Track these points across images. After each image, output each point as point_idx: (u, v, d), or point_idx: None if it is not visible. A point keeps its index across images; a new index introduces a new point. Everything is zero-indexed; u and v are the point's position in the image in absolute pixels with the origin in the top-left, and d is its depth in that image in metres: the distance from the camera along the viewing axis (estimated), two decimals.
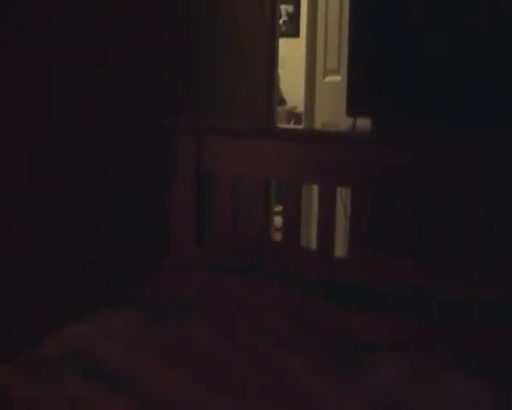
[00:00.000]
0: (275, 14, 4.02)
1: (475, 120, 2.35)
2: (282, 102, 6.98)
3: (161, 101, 2.85)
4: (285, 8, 7.17)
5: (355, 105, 2.46)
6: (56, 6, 2.35)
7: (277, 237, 3.60)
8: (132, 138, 2.70)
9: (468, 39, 2.36)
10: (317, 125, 4.30)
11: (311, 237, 4.07)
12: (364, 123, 2.81)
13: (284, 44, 5.37)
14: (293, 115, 6.97)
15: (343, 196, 2.72)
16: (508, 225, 2.14)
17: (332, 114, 3.76)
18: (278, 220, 3.27)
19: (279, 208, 3.85)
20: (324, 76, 4.16)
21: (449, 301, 1.85)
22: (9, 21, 2.19)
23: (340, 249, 2.81)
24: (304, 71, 4.67)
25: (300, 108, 5.74)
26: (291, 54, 6.43)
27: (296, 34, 7.00)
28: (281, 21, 6.53)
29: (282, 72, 5.64)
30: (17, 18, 2.21)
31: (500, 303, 1.84)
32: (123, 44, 2.64)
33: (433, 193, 2.23)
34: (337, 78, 3.72)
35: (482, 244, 2.18)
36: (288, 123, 6.87)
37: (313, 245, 2.99)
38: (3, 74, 2.18)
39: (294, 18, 7.18)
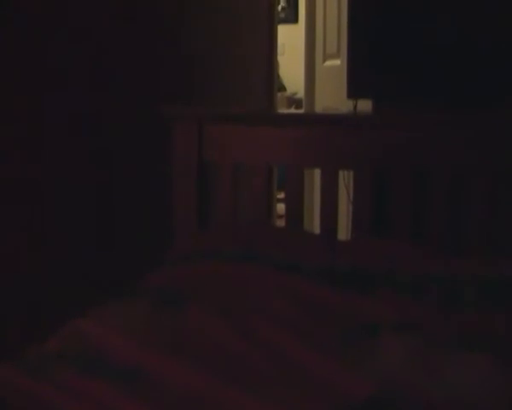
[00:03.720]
0: (273, 0, 4.01)
1: (476, 99, 2.34)
2: (282, 88, 6.97)
3: (160, 90, 2.84)
4: None
5: (356, 87, 2.45)
6: None
7: (280, 223, 3.60)
8: (133, 126, 2.69)
9: (468, 19, 2.35)
10: (318, 109, 4.28)
11: (313, 223, 4.06)
12: (365, 106, 2.80)
13: (283, 31, 5.36)
14: (294, 101, 6.96)
15: (345, 179, 2.71)
16: (510, 204, 2.13)
17: (332, 98, 3.74)
18: (281, 208, 3.26)
19: (281, 196, 3.85)
20: (324, 60, 4.15)
21: (449, 282, 1.85)
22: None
23: (343, 234, 2.80)
24: (303, 56, 4.65)
25: (300, 94, 5.73)
26: (290, 40, 6.42)
27: (295, 20, 6.98)
28: (279, 8, 6.52)
29: (281, 59, 5.63)
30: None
31: (501, 282, 1.84)
32: (122, 34, 2.63)
33: (435, 173, 2.21)
34: (337, 62, 3.70)
35: (483, 225, 2.17)
36: (289, 109, 6.86)
37: (316, 231, 2.98)
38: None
39: (293, 4, 7.16)
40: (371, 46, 2.42)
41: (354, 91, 2.50)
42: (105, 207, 2.60)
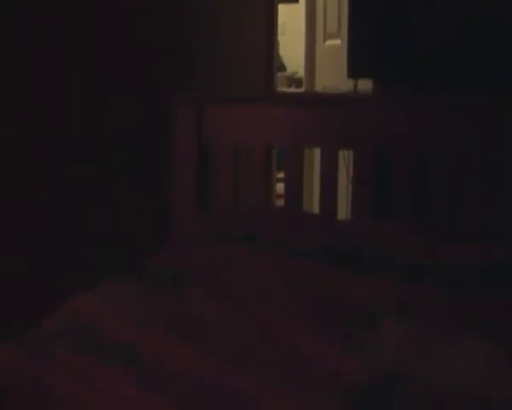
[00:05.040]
0: None
1: (477, 80, 2.33)
2: (282, 68, 6.96)
3: (161, 74, 2.83)
4: None
5: (356, 66, 2.45)
6: None
7: (280, 203, 3.60)
8: (132, 112, 2.68)
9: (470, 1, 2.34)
10: (318, 89, 4.28)
11: (312, 203, 4.06)
12: (365, 86, 2.79)
13: (284, 10, 5.34)
14: (294, 81, 6.95)
15: (345, 159, 2.71)
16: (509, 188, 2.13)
17: (333, 77, 3.74)
18: (280, 187, 3.26)
19: (281, 175, 3.85)
20: (324, 40, 4.14)
21: (449, 267, 1.84)
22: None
23: (343, 214, 2.80)
24: (304, 36, 4.64)
25: (301, 73, 5.72)
26: (290, 20, 6.40)
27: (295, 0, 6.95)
28: None
29: (281, 38, 5.61)
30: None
31: (501, 268, 1.83)
32: (123, 23, 2.62)
33: (435, 154, 2.21)
34: (337, 41, 3.69)
35: (484, 209, 2.17)
36: (289, 88, 6.85)
37: (315, 210, 2.98)
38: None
39: None
40: (372, 26, 2.41)
41: (354, 71, 2.50)
42: (105, 192, 2.60)
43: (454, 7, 2.33)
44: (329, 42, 4.01)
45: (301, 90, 5.69)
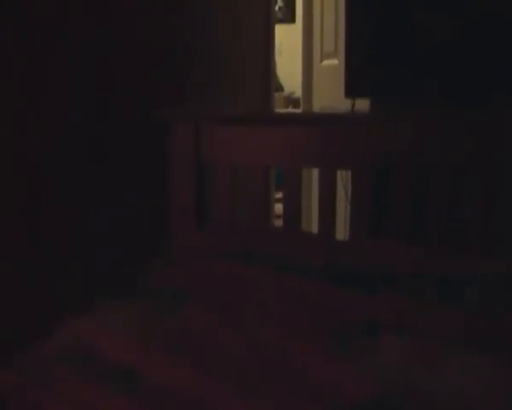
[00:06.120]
0: (270, 0, 4.00)
1: (475, 97, 2.34)
2: (280, 88, 6.97)
3: (159, 90, 2.83)
4: None
5: (353, 86, 2.44)
6: None
7: (278, 224, 3.59)
8: (130, 126, 2.68)
9: (466, 17, 2.34)
10: (316, 108, 4.28)
11: (311, 223, 4.05)
12: (363, 105, 2.79)
13: (281, 31, 5.35)
14: (291, 101, 6.96)
15: (344, 179, 2.70)
16: (509, 199, 2.13)
17: (330, 97, 3.74)
18: (278, 208, 3.25)
19: (279, 196, 3.84)
20: (322, 60, 4.15)
21: (448, 282, 1.84)
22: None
23: (341, 233, 2.79)
24: (301, 56, 4.65)
25: (298, 93, 5.72)
26: (287, 40, 6.42)
27: (292, 20, 6.98)
28: (276, 8, 6.51)
29: (278, 59, 5.62)
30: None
31: (501, 281, 1.83)
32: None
33: (433, 173, 2.20)
34: (334, 61, 3.70)
35: (483, 225, 2.16)
36: (286, 109, 6.86)
37: (314, 231, 2.97)
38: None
39: (290, 4, 7.15)
40: (369, 45, 2.41)
41: (352, 90, 2.50)
42: (103, 206, 2.59)
43: (452, 26, 2.33)
44: (326, 61, 4.01)
45: (299, 110, 5.69)
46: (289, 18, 7.05)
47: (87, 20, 2.46)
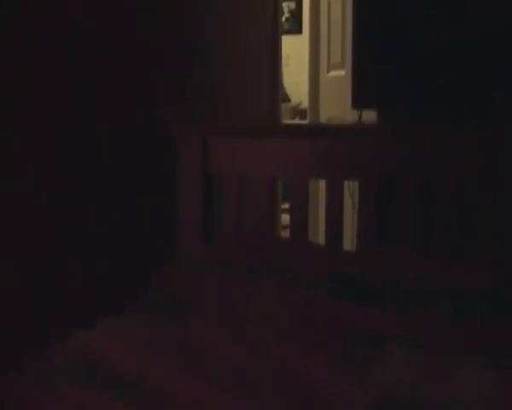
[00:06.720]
0: (277, 11, 4.01)
1: (481, 111, 2.34)
2: (286, 99, 6.98)
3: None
4: (287, 6, 7.17)
5: (360, 97, 2.45)
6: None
7: (285, 234, 3.59)
8: (137, 139, 2.68)
9: (473, 30, 2.34)
10: (322, 120, 4.29)
11: (318, 233, 4.05)
12: (370, 116, 2.80)
13: (287, 42, 5.37)
14: (298, 112, 6.97)
15: (350, 189, 2.70)
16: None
17: (337, 108, 3.75)
18: (285, 218, 3.25)
19: (286, 206, 3.84)
20: (328, 71, 4.16)
21: (455, 294, 1.84)
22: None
23: (349, 244, 2.79)
24: (307, 67, 4.66)
25: (305, 104, 5.74)
26: (294, 51, 6.43)
27: (299, 31, 7.00)
28: (283, 19, 6.53)
29: (285, 70, 5.64)
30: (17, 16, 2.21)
31: (506, 294, 1.83)
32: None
33: (440, 183, 2.21)
34: (341, 72, 3.71)
35: (488, 236, 2.16)
36: (293, 120, 6.87)
37: (321, 242, 2.97)
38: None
39: (297, 15, 7.17)
40: (376, 56, 2.42)
41: (359, 102, 2.50)
42: (109, 220, 2.59)
43: (459, 39, 2.34)
44: (333, 72, 4.02)
45: (306, 121, 5.70)
46: (296, 29, 7.07)
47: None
